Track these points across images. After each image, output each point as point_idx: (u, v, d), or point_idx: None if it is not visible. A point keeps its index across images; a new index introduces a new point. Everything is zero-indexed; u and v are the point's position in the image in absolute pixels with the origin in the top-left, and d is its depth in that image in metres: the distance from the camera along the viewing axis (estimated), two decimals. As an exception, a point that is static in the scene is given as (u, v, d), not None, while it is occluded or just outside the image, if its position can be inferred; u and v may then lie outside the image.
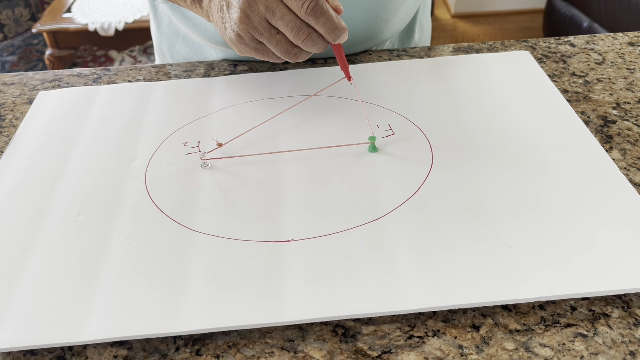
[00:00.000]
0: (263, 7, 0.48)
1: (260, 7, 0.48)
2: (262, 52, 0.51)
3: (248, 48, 0.51)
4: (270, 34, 0.49)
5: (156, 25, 0.75)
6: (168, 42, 0.74)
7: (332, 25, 0.48)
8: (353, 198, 0.46)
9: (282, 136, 0.53)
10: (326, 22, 0.48)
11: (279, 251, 0.41)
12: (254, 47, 0.51)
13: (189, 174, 0.49)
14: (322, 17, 0.47)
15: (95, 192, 0.48)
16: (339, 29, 0.48)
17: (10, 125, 0.58)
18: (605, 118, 0.55)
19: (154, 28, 0.77)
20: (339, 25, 0.48)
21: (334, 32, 0.48)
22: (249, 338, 0.37)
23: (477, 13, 2.76)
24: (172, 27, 0.73)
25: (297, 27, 0.48)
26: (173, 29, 0.73)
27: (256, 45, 0.51)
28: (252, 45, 0.51)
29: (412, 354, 0.36)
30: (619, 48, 0.66)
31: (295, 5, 0.47)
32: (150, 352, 0.37)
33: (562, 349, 0.36)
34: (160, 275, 0.40)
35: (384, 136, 0.52)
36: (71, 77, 0.66)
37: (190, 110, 0.58)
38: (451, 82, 0.59)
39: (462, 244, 0.41)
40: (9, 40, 2.62)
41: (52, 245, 0.43)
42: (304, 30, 0.48)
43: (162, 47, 0.76)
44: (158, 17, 0.74)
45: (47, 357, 0.37)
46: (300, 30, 0.48)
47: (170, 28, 0.73)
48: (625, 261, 0.39)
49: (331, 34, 0.48)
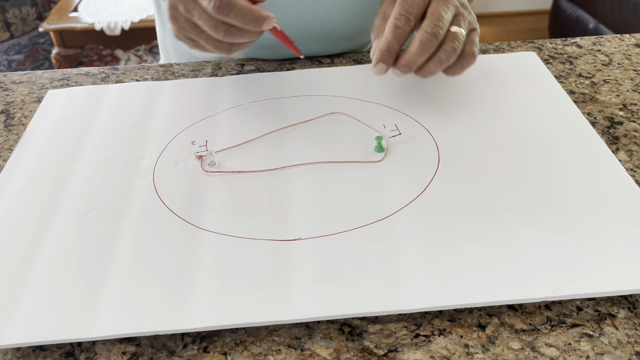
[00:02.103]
0: (183, 8, 0.48)
1: (180, 8, 0.49)
2: (200, 47, 0.52)
3: (187, 44, 0.52)
4: (197, 32, 0.50)
5: (160, 21, 0.76)
6: (172, 37, 0.74)
7: (245, 18, 0.47)
8: (359, 197, 0.46)
9: (288, 138, 0.54)
10: (238, 17, 0.46)
11: (286, 250, 0.42)
12: (192, 44, 0.52)
13: (197, 173, 0.49)
14: (231, 12, 0.46)
15: (104, 190, 0.48)
16: (255, 20, 0.47)
17: (19, 123, 0.59)
18: (611, 119, 0.55)
19: (158, 24, 0.77)
20: (253, 16, 0.47)
21: (251, 24, 0.47)
22: (256, 336, 0.38)
23: (483, 14, 2.76)
24: None
25: (214, 25, 0.48)
26: None
27: (192, 42, 0.51)
28: (189, 43, 0.52)
29: (418, 353, 0.36)
30: (626, 49, 0.66)
31: (204, 5, 0.47)
32: (158, 349, 0.37)
33: (568, 349, 0.36)
34: (168, 273, 0.40)
35: (391, 136, 0.52)
36: (79, 76, 0.67)
37: (197, 110, 0.58)
38: (458, 83, 0.59)
39: (469, 243, 0.41)
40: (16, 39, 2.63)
41: (61, 243, 0.43)
42: (220, 27, 0.47)
43: (166, 43, 0.76)
44: (162, 13, 0.75)
45: (56, 352, 0.37)
46: (217, 27, 0.48)
47: None
48: (631, 262, 0.39)
49: (248, 26, 0.47)
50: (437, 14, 0.50)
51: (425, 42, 0.50)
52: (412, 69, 0.52)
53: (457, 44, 0.51)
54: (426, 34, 0.50)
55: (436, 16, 0.50)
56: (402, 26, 0.51)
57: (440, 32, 0.50)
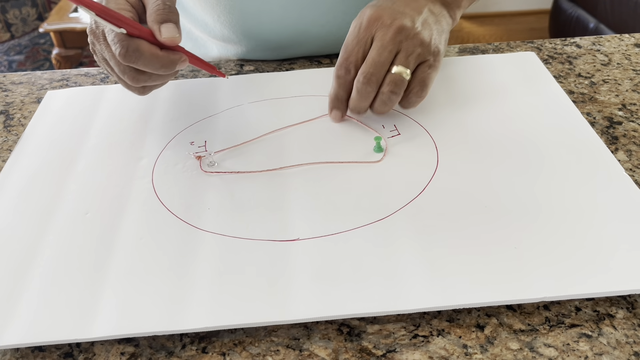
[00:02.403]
0: (98, 46, 0.48)
1: (97, 45, 0.48)
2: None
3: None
4: (111, 70, 0.49)
5: None
6: None
7: (155, 64, 0.45)
8: (358, 198, 0.46)
9: (287, 138, 0.54)
10: (147, 64, 0.45)
11: (285, 250, 0.42)
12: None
13: (196, 173, 0.50)
14: (138, 60, 0.45)
15: (103, 190, 0.48)
16: (166, 65, 0.46)
17: (18, 124, 0.59)
18: (611, 119, 0.55)
19: None
20: (164, 61, 0.45)
21: (163, 69, 0.46)
22: (254, 336, 0.38)
23: (483, 14, 2.76)
24: None
25: (121, 70, 0.47)
26: None
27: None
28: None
29: (417, 353, 0.36)
30: (625, 49, 0.66)
31: (112, 52, 0.46)
32: (157, 349, 0.37)
33: (566, 349, 0.36)
34: (167, 273, 0.40)
35: (390, 136, 0.52)
36: (79, 77, 0.67)
37: (196, 110, 0.58)
38: (457, 83, 0.59)
39: (467, 243, 0.41)
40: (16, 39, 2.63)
41: (60, 244, 0.43)
42: (127, 72, 0.47)
43: None
44: None
45: (54, 353, 0.37)
46: (124, 72, 0.47)
47: None
48: (630, 262, 0.39)
49: (160, 70, 0.46)
50: (371, 59, 0.50)
51: (361, 90, 0.50)
52: (360, 113, 0.52)
53: (394, 86, 0.50)
54: (359, 83, 0.50)
55: (370, 62, 0.50)
56: (343, 76, 0.52)
57: (374, 78, 0.50)
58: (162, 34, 0.45)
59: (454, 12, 0.57)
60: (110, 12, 0.44)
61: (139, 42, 0.45)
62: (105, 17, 0.44)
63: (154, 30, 0.46)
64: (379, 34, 0.50)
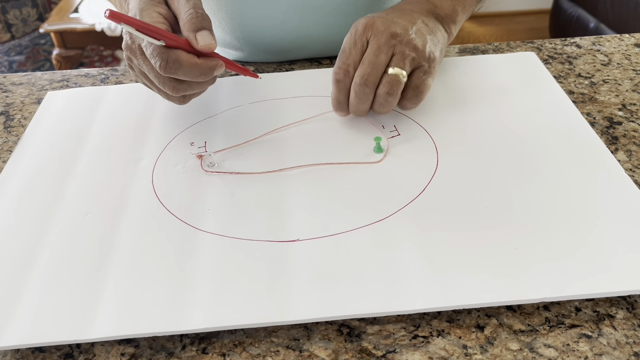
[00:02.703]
0: (136, 61, 0.49)
1: (135, 60, 0.49)
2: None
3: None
4: (151, 83, 0.50)
5: None
6: None
7: (194, 73, 0.46)
8: (358, 198, 0.46)
9: (287, 139, 0.54)
10: (187, 73, 0.46)
11: (285, 251, 0.42)
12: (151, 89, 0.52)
13: (196, 174, 0.50)
14: (179, 70, 0.46)
15: (103, 191, 0.48)
16: (205, 72, 0.47)
17: (19, 125, 0.59)
18: (611, 119, 0.55)
19: None
20: (203, 69, 0.47)
21: (202, 76, 0.47)
22: (254, 337, 0.38)
23: (484, 14, 2.76)
24: None
25: (162, 81, 0.48)
26: None
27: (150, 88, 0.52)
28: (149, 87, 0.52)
29: (417, 354, 0.36)
30: (625, 49, 0.66)
31: (152, 65, 0.47)
32: (157, 350, 0.37)
33: (566, 349, 0.36)
34: (167, 274, 0.40)
35: (390, 137, 0.52)
36: (79, 78, 0.67)
37: (197, 111, 0.58)
38: (457, 83, 0.59)
39: (467, 244, 0.41)
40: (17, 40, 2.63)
41: (60, 245, 0.43)
42: (167, 83, 0.48)
43: None
44: None
45: (55, 354, 0.37)
46: (165, 84, 0.48)
47: None
48: (630, 262, 0.39)
49: (199, 79, 0.47)
50: (367, 61, 0.50)
51: (359, 92, 0.50)
52: (361, 115, 0.53)
53: (391, 87, 0.50)
54: (356, 85, 0.50)
55: (366, 64, 0.50)
56: (342, 79, 0.52)
57: (370, 79, 0.50)
58: (198, 42, 0.46)
59: (449, 27, 0.58)
60: (148, 27, 0.45)
61: (177, 52, 0.46)
62: (145, 32, 0.45)
63: (190, 40, 0.47)
64: (374, 39, 0.51)
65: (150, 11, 0.48)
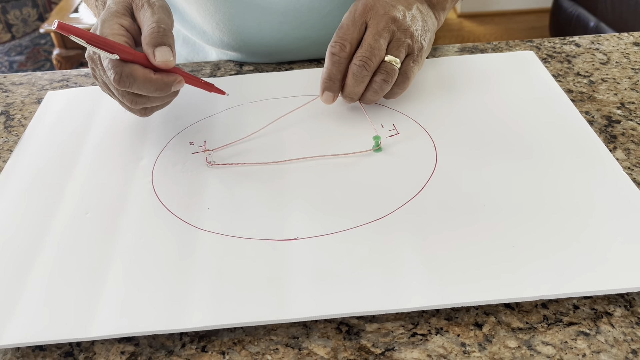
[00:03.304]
0: (98, 71, 0.49)
1: (97, 70, 0.49)
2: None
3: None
4: (112, 94, 0.50)
5: None
6: None
7: (149, 88, 0.46)
8: (357, 197, 0.46)
9: (286, 136, 0.54)
10: (141, 88, 0.46)
11: (284, 249, 0.42)
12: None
13: (195, 173, 0.50)
14: (133, 85, 0.45)
15: (103, 191, 0.48)
16: (161, 87, 0.46)
17: (19, 124, 0.59)
18: (609, 118, 0.55)
19: None
20: (158, 84, 0.46)
21: (157, 92, 0.46)
22: (254, 335, 0.38)
23: (483, 13, 2.76)
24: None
25: (121, 94, 0.48)
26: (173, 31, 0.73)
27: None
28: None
29: (415, 352, 0.36)
30: (624, 48, 0.66)
31: (108, 77, 0.46)
32: (157, 348, 0.37)
33: (564, 347, 0.36)
34: (167, 273, 0.41)
35: (389, 136, 0.53)
36: (79, 77, 0.67)
37: (196, 110, 0.58)
38: (456, 82, 0.60)
39: (466, 242, 0.41)
40: (17, 40, 2.63)
41: (60, 244, 0.44)
42: (125, 96, 0.47)
43: None
44: None
45: (55, 352, 0.38)
46: (123, 96, 0.48)
47: None
48: (628, 260, 0.39)
49: (155, 93, 0.47)
50: (367, 44, 0.51)
51: (357, 74, 0.51)
52: (354, 99, 0.53)
53: (387, 75, 0.51)
54: (355, 66, 0.51)
55: (366, 47, 0.51)
56: (338, 53, 0.52)
57: (370, 63, 0.51)
58: (156, 58, 0.46)
59: (439, 13, 0.59)
60: (100, 40, 0.44)
61: (132, 67, 0.45)
62: (96, 44, 0.44)
63: (148, 54, 0.46)
64: (373, 21, 0.52)
65: (112, 22, 0.47)
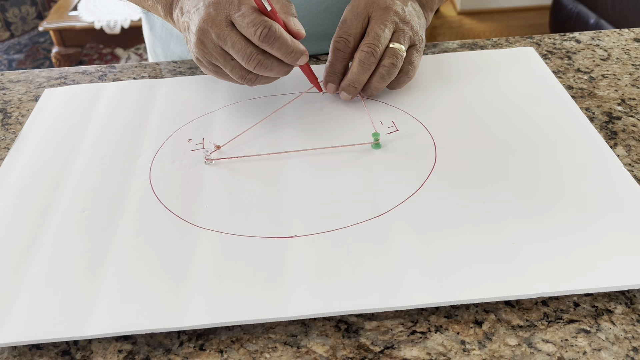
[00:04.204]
0: (215, 35, 0.48)
1: (212, 34, 0.48)
2: (221, 74, 0.52)
3: (207, 70, 0.52)
4: (225, 60, 0.50)
5: (149, 27, 0.76)
6: (162, 42, 0.74)
7: (287, 49, 0.48)
8: (356, 194, 0.46)
9: (285, 133, 0.53)
10: (281, 47, 0.48)
11: (282, 247, 0.41)
12: (213, 70, 0.52)
13: (193, 171, 0.49)
14: (276, 42, 0.47)
15: (100, 188, 0.48)
16: (296, 52, 0.49)
17: (16, 122, 0.59)
18: (610, 114, 0.55)
19: (146, 30, 0.77)
20: (295, 48, 0.49)
21: (291, 56, 0.49)
22: (252, 333, 0.37)
23: (483, 10, 2.75)
24: (165, 28, 0.73)
25: (248, 54, 0.48)
26: (166, 30, 0.73)
27: (214, 68, 0.52)
28: (210, 68, 0.52)
29: (415, 350, 0.36)
30: (625, 44, 0.66)
31: (249, 33, 0.47)
32: (155, 347, 0.37)
33: (564, 344, 0.36)
34: (165, 271, 0.40)
35: (388, 132, 0.52)
36: (77, 75, 0.66)
37: (194, 107, 0.58)
38: (455, 79, 0.59)
39: (465, 240, 0.41)
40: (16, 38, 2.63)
41: (58, 241, 0.43)
42: (254, 57, 0.48)
43: (156, 48, 0.76)
44: (150, 19, 0.75)
45: (52, 351, 0.37)
46: (251, 57, 0.48)
47: (163, 29, 0.73)
48: (628, 257, 0.39)
49: (288, 58, 0.49)
50: (373, 33, 0.53)
51: (364, 60, 0.53)
52: (357, 87, 0.55)
53: (395, 59, 0.53)
54: (363, 53, 0.53)
55: (372, 35, 0.53)
56: (342, 48, 0.54)
57: (377, 50, 0.53)
58: (294, 25, 0.50)
59: (428, 13, 0.61)
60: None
61: (277, 25, 0.47)
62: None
63: (286, 21, 0.49)
64: (376, 14, 0.54)
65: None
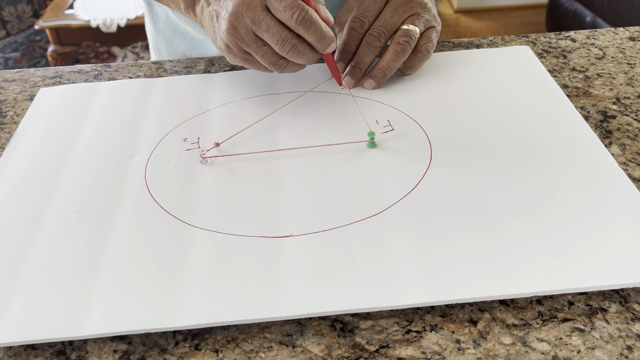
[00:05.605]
0: (249, 20, 0.48)
1: (246, 19, 0.49)
2: (250, 62, 0.53)
3: (237, 58, 0.53)
4: (257, 46, 0.50)
5: (152, 23, 0.76)
6: (165, 39, 0.74)
7: (321, 34, 0.49)
8: (352, 194, 0.46)
9: (281, 133, 0.53)
10: (316, 32, 0.49)
11: (278, 246, 0.41)
12: (243, 57, 0.52)
13: (189, 170, 0.49)
14: (312, 26, 0.48)
15: (96, 188, 0.48)
16: (328, 38, 0.50)
17: (11, 121, 0.59)
18: (605, 113, 0.55)
19: (149, 26, 0.77)
20: (328, 34, 0.50)
21: (324, 41, 0.50)
22: (247, 333, 0.37)
23: (480, 8, 2.76)
24: (169, 24, 0.73)
25: (282, 38, 0.49)
26: (170, 26, 0.73)
27: (244, 55, 0.52)
28: (240, 55, 0.52)
29: (410, 349, 0.36)
30: (620, 43, 0.66)
31: (285, 16, 0.48)
32: (150, 347, 0.37)
33: (559, 343, 0.36)
34: (160, 271, 0.40)
35: (383, 132, 0.52)
36: (72, 74, 0.66)
37: (190, 107, 0.58)
38: (451, 78, 0.59)
39: (460, 239, 0.41)
40: (12, 36, 2.62)
41: (53, 241, 0.43)
42: (289, 41, 0.49)
43: (159, 45, 0.76)
44: (154, 15, 0.74)
45: (47, 351, 0.37)
46: (286, 41, 0.49)
47: (167, 25, 0.73)
48: (623, 256, 0.39)
49: (321, 43, 0.50)
50: (383, 19, 0.56)
51: (370, 43, 0.56)
52: (362, 69, 0.57)
53: (407, 37, 0.55)
54: (371, 36, 0.56)
55: (382, 21, 0.56)
56: (357, 28, 0.57)
57: (384, 35, 0.55)
58: (324, 13, 0.51)
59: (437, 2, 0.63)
60: None
61: (312, 10, 0.49)
62: None
63: (317, 9, 0.51)
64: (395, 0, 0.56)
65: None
